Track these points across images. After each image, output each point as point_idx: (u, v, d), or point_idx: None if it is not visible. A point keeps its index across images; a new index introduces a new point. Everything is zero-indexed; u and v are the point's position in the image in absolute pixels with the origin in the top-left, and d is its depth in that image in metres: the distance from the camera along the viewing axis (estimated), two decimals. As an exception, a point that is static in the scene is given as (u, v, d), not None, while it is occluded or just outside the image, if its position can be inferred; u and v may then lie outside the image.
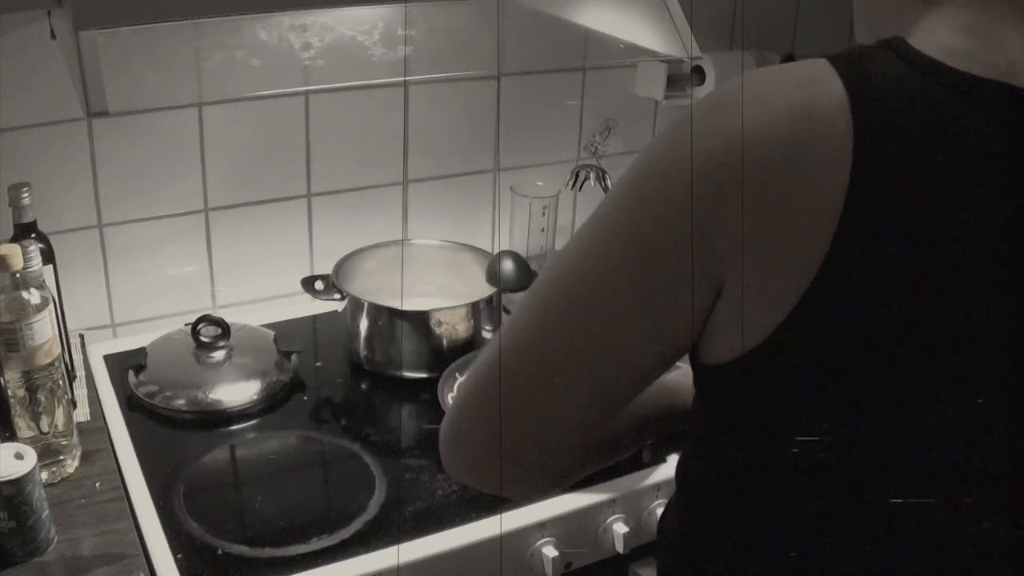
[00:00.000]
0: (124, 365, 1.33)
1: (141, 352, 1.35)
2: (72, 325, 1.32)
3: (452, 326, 1.37)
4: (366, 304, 1.36)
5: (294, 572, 1.00)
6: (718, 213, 0.59)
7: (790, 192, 0.58)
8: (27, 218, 1.20)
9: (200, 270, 1.51)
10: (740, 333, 0.61)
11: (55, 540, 0.99)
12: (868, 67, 0.59)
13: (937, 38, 0.61)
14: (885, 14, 0.66)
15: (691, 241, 0.61)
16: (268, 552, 1.03)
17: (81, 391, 1.28)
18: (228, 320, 1.37)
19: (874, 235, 0.57)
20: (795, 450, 0.62)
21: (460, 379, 0.76)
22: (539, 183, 1.62)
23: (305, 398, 1.34)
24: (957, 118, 0.57)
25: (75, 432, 1.11)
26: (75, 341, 1.37)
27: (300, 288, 1.41)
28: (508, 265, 1.41)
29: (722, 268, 0.61)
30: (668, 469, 1.17)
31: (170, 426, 1.26)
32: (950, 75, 0.58)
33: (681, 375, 0.81)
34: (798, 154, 0.57)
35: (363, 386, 1.40)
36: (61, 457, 1.09)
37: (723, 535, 0.71)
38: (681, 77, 1.68)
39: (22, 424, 1.06)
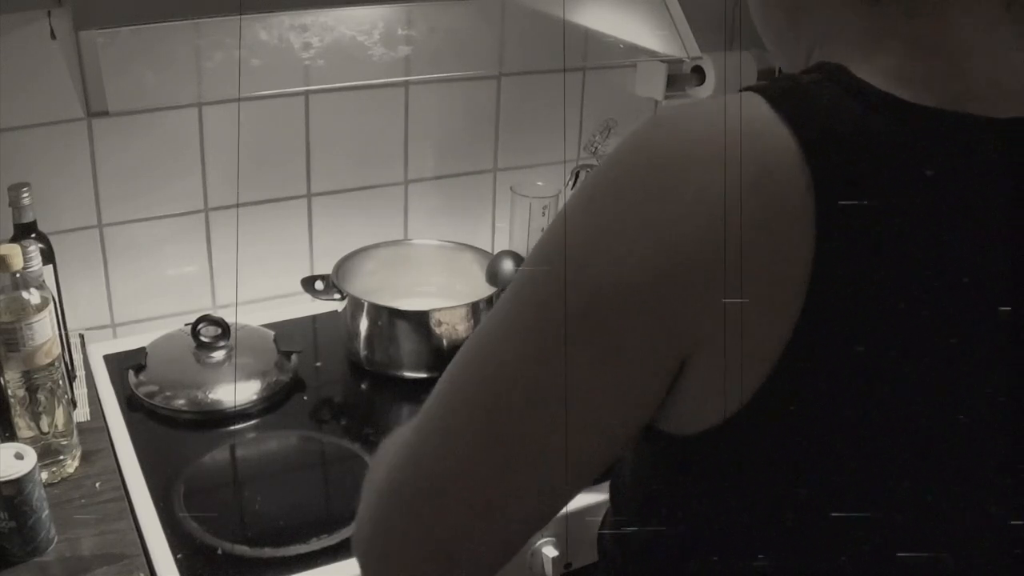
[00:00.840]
0: (124, 365, 1.33)
1: (141, 352, 1.35)
2: (72, 325, 1.32)
3: (452, 326, 1.37)
4: (366, 304, 1.36)
5: (294, 572, 1.00)
6: (685, 286, 0.53)
7: (758, 256, 0.53)
8: (27, 218, 1.20)
9: (200, 270, 1.51)
10: (714, 402, 0.56)
11: (55, 540, 1.00)
12: (813, 107, 0.54)
13: (884, 61, 0.56)
14: (812, 19, 0.62)
15: (647, 317, 0.54)
16: (268, 552, 1.03)
17: (81, 391, 1.28)
18: (228, 320, 1.37)
19: (846, 292, 0.53)
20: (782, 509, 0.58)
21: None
22: (539, 183, 1.62)
23: (305, 398, 1.34)
24: (920, 161, 0.54)
25: (75, 432, 1.11)
26: (75, 341, 1.37)
27: (300, 288, 1.41)
28: (508, 265, 1.41)
29: (689, 342, 0.55)
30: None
31: (170, 426, 1.26)
32: (907, 112, 0.54)
33: None
34: (763, 217, 0.52)
35: (363, 386, 1.40)
36: (61, 457, 1.09)
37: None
38: (681, 77, 1.68)
39: (22, 424, 1.06)
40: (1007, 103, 0.56)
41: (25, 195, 1.19)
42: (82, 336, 1.42)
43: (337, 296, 1.39)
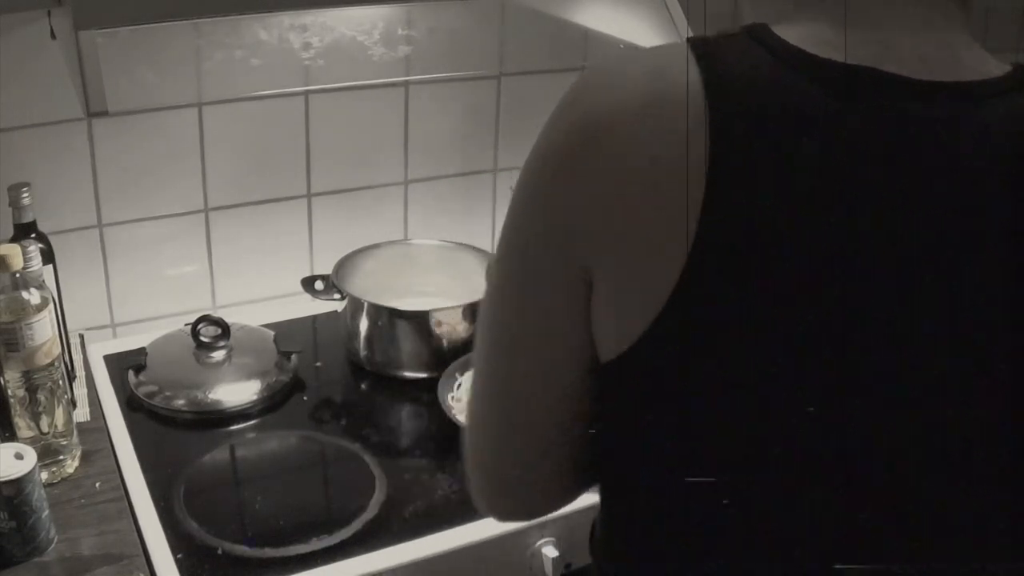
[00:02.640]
0: (124, 365, 1.33)
1: (141, 352, 1.35)
2: (72, 325, 1.32)
3: (452, 326, 1.37)
4: (366, 304, 1.36)
5: (294, 572, 1.00)
6: (576, 192, 0.60)
7: (648, 175, 0.57)
8: (27, 218, 1.20)
9: (200, 270, 1.51)
10: (616, 329, 0.60)
11: (55, 540, 0.99)
12: (727, 53, 0.58)
13: (805, 27, 0.59)
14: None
15: (551, 226, 0.62)
16: (268, 552, 1.03)
17: (81, 391, 1.28)
18: (228, 320, 1.37)
19: (736, 219, 0.56)
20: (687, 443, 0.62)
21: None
22: (539, 183, 1.62)
23: (305, 398, 1.34)
24: (812, 105, 0.56)
25: (75, 432, 1.11)
26: (75, 341, 1.37)
27: (300, 288, 1.41)
28: (508, 265, 1.41)
29: (587, 256, 0.61)
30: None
31: (170, 426, 1.26)
32: (809, 63, 0.57)
33: None
34: (653, 137, 0.57)
35: (363, 386, 1.40)
36: (61, 457, 1.09)
37: (644, 539, 0.69)
38: (681, 77, 1.68)
39: (22, 424, 1.06)
40: (929, 69, 0.57)
41: (25, 195, 1.19)
42: (82, 336, 1.42)
43: (337, 296, 1.39)
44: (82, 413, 1.23)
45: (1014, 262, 0.57)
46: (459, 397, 1.28)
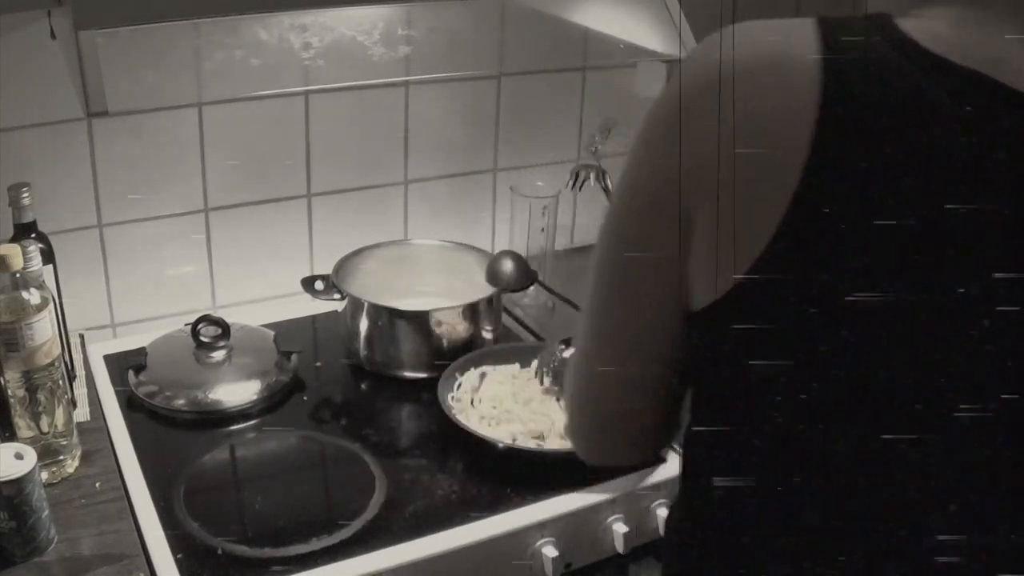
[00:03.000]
0: (124, 365, 1.33)
1: (141, 352, 1.35)
2: (72, 325, 1.32)
3: (452, 326, 1.37)
4: (366, 304, 1.36)
5: (294, 572, 1.00)
6: (688, 136, 0.63)
7: (757, 128, 0.60)
8: (27, 218, 1.20)
9: (200, 270, 1.51)
10: (712, 275, 0.64)
11: (55, 540, 0.99)
12: (848, 35, 0.61)
13: (924, 23, 0.61)
14: None
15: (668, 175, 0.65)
16: (268, 552, 1.03)
17: (81, 391, 1.28)
18: (228, 320, 1.37)
19: (835, 190, 0.59)
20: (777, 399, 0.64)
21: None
22: (539, 183, 1.62)
23: (305, 398, 1.34)
24: (921, 98, 0.59)
25: (75, 432, 1.11)
26: (75, 341, 1.37)
27: (300, 288, 1.41)
28: (508, 265, 1.41)
29: (691, 198, 0.64)
30: (668, 469, 1.17)
31: (170, 426, 1.26)
32: (924, 56, 0.59)
33: None
34: (769, 94, 0.60)
35: (363, 386, 1.40)
36: (61, 457, 1.09)
37: (727, 508, 0.72)
38: (681, 77, 1.68)
39: (22, 424, 1.06)
40: None
41: (25, 195, 1.19)
42: (82, 336, 1.42)
43: (337, 296, 1.39)
44: (82, 413, 1.23)
45: None
46: (459, 397, 1.28)
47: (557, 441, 1.19)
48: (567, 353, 1.26)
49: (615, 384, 0.76)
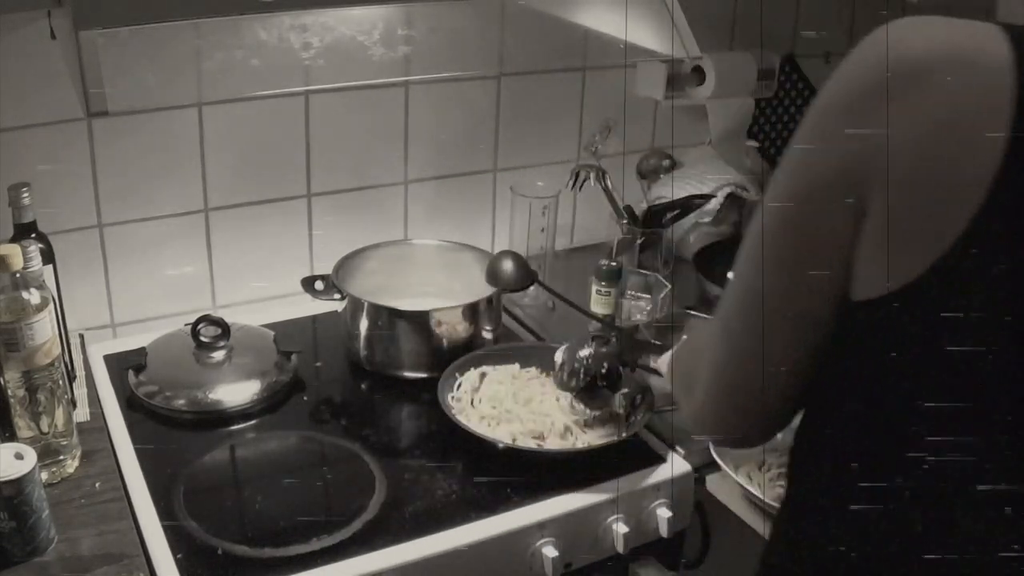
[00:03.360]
0: (124, 365, 1.33)
1: (141, 352, 1.35)
2: (72, 325, 1.32)
3: (452, 326, 1.37)
4: (366, 304, 1.36)
5: (294, 572, 1.00)
6: (873, 126, 0.62)
7: (948, 124, 0.60)
8: (27, 218, 1.20)
9: (200, 270, 1.51)
10: (885, 268, 0.64)
11: (55, 540, 0.99)
12: None
13: None
14: None
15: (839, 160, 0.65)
16: (268, 552, 1.03)
17: (81, 391, 1.28)
18: (228, 320, 1.37)
19: None
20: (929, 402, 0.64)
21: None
22: (539, 183, 1.62)
23: (305, 398, 1.34)
24: None
25: (75, 432, 1.11)
26: (75, 341, 1.37)
27: (300, 288, 1.41)
28: (508, 265, 1.41)
29: (868, 189, 0.63)
30: (668, 469, 1.17)
31: (170, 426, 1.26)
32: None
33: None
34: (960, 89, 0.60)
35: (363, 386, 1.40)
36: (61, 457, 1.09)
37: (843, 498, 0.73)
38: (681, 77, 1.68)
39: (22, 424, 1.06)
40: None
41: (25, 195, 1.19)
42: (82, 336, 1.42)
43: (337, 296, 1.39)
44: (82, 413, 1.23)
45: None
46: (459, 397, 1.28)
47: (557, 441, 1.19)
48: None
49: (758, 361, 0.76)
